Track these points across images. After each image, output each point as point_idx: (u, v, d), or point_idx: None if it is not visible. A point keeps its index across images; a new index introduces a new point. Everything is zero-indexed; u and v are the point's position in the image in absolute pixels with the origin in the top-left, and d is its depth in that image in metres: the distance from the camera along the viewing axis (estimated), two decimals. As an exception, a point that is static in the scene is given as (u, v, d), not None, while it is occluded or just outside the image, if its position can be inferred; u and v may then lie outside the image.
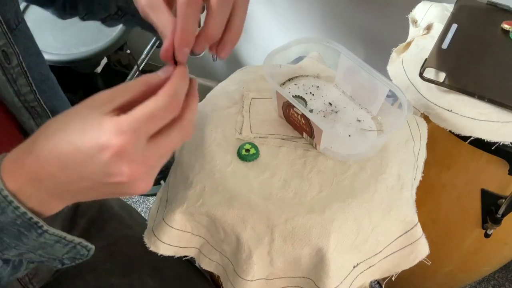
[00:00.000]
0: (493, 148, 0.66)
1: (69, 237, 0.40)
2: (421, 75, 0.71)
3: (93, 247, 0.42)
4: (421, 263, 0.62)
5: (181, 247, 0.61)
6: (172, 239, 0.59)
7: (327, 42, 0.63)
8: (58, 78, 0.65)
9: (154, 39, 1.30)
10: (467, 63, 0.73)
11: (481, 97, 0.68)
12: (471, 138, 0.67)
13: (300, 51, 0.65)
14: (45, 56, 1.14)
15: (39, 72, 0.57)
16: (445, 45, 0.74)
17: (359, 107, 0.65)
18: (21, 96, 0.51)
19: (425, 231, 0.60)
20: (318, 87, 0.68)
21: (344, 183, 0.58)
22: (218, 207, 0.55)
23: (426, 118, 0.69)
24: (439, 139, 0.72)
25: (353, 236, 0.55)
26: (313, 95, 0.66)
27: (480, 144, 0.67)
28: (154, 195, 1.41)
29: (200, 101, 0.55)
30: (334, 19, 1.20)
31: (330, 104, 0.65)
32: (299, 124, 0.60)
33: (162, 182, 1.27)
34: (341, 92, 0.67)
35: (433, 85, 0.71)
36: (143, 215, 0.93)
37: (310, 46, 0.65)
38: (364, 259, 0.59)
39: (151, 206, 1.01)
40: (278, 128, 0.64)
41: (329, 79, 0.68)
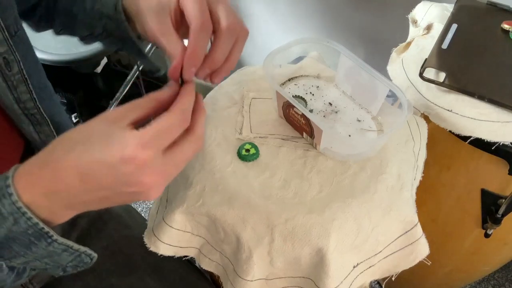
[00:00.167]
0: (493, 148, 0.66)
1: (76, 246, 0.41)
2: (421, 75, 0.71)
3: (96, 256, 0.44)
4: (421, 263, 0.62)
5: (181, 247, 0.61)
6: (172, 239, 0.59)
7: (327, 42, 0.63)
8: (58, 78, 0.64)
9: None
10: (467, 63, 0.73)
11: (481, 97, 0.68)
12: (471, 138, 0.67)
13: (300, 51, 0.65)
14: (45, 56, 1.15)
15: (38, 80, 0.57)
16: (445, 45, 0.74)
17: (359, 107, 0.65)
18: (21, 103, 0.51)
19: (425, 231, 0.60)
20: (318, 87, 0.68)
21: (344, 183, 0.58)
22: (218, 207, 0.55)
23: (426, 118, 0.69)
24: (439, 139, 0.72)
25: (353, 236, 0.55)
26: (313, 95, 0.66)
27: (480, 144, 0.67)
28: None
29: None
30: (334, 19, 1.20)
31: (330, 104, 0.65)
32: (299, 124, 0.60)
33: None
34: (341, 92, 0.67)
35: (433, 85, 0.71)
36: (143, 215, 0.93)
37: (310, 46, 0.65)
38: (364, 259, 0.59)
39: (151, 206, 1.01)
40: (278, 128, 0.64)
41: (329, 79, 0.68)
